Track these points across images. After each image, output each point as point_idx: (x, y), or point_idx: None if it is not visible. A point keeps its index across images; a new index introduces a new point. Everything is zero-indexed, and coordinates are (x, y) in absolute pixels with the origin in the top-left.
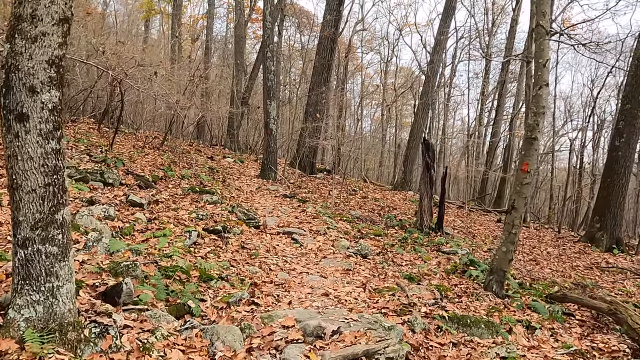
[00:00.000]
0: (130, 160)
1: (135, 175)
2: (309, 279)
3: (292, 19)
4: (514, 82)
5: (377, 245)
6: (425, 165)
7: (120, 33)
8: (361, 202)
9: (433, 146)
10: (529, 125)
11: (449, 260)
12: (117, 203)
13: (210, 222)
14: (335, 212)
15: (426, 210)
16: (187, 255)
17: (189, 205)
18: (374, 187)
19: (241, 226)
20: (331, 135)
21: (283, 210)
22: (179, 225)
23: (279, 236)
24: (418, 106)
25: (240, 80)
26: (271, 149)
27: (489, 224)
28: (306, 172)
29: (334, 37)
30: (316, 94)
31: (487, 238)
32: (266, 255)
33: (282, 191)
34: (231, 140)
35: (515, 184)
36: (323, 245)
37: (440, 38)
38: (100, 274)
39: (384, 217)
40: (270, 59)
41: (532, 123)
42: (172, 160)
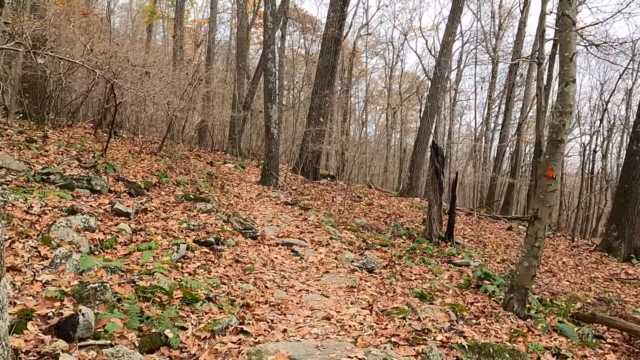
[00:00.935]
0: (124, 166)
1: (126, 181)
2: (308, 299)
3: (297, 23)
4: (522, 86)
5: (384, 257)
6: (434, 171)
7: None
8: (366, 209)
9: (442, 151)
10: (554, 126)
11: (462, 273)
12: (100, 212)
13: (202, 233)
14: (339, 220)
15: (435, 219)
16: (172, 271)
17: (181, 214)
18: (379, 194)
19: (237, 237)
20: (335, 140)
21: (283, 218)
22: (167, 237)
23: (277, 248)
24: (425, 110)
25: (242, 84)
26: (272, 154)
27: (500, 232)
28: (309, 178)
29: (338, 39)
30: (320, 97)
31: (499, 247)
32: (262, 270)
33: (283, 198)
34: (232, 146)
35: (538, 191)
36: (325, 258)
37: (448, 39)
38: (61, 300)
39: (390, 225)
40: (271, 60)
41: (558, 124)
42: (169, 166)
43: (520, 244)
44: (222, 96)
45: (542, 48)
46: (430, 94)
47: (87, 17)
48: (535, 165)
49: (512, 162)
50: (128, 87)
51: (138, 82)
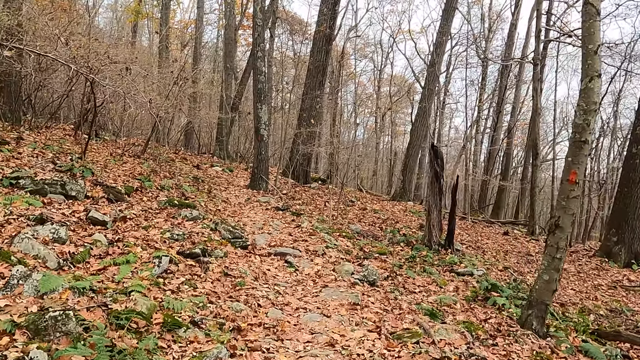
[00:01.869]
0: (104, 170)
1: (105, 186)
2: (307, 319)
3: (286, 25)
4: (512, 89)
5: (384, 267)
6: (434, 174)
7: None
8: (360, 214)
9: (442, 153)
10: (577, 125)
11: (467, 284)
12: (73, 221)
13: (187, 244)
14: (333, 226)
15: (435, 225)
16: (152, 289)
17: (164, 222)
18: (371, 197)
19: (225, 247)
20: (326, 142)
21: (275, 225)
22: (148, 248)
23: (270, 258)
24: (417, 112)
25: (230, 85)
26: (262, 157)
27: (496, 237)
28: (300, 182)
29: (329, 38)
30: (311, 98)
31: (498, 254)
32: (254, 285)
33: (273, 203)
34: (220, 148)
35: (559, 197)
36: (322, 270)
37: (442, 39)
38: (11, 335)
39: (386, 231)
40: (261, 59)
41: (582, 123)
42: (153, 169)
43: (518, 250)
44: (210, 97)
45: (539, 48)
46: (423, 96)
47: (67, 13)
48: (533, 168)
49: (502, 165)
50: (106, 84)
51: (117, 79)
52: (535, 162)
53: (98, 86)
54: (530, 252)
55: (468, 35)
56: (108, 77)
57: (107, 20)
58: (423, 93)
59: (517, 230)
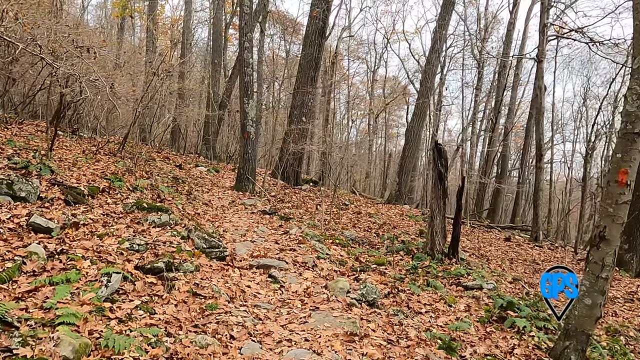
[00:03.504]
0: (71, 168)
1: (63, 186)
2: (292, 356)
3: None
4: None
5: (384, 282)
6: (437, 176)
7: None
8: (354, 218)
9: (447, 152)
10: (629, 114)
11: (478, 300)
12: (9, 228)
13: (149, 256)
14: (326, 232)
15: (439, 232)
16: (92, 319)
17: (125, 229)
18: (365, 200)
19: (198, 259)
20: (319, 141)
21: (260, 232)
22: (98, 262)
23: (251, 272)
24: (414, 111)
25: (217, 82)
26: (249, 156)
27: (499, 244)
28: (290, 183)
29: (322, 31)
30: (302, 95)
31: (503, 262)
32: (228, 308)
33: (260, 206)
34: (207, 148)
35: (604, 203)
36: (313, 286)
37: (439, 35)
38: None
39: (383, 238)
40: (248, 50)
41: (635, 110)
42: (129, 168)
43: (524, 258)
44: (200, 96)
45: (543, 44)
46: (419, 94)
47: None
48: (537, 171)
49: (499, 167)
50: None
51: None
52: (539, 164)
53: (49, 67)
54: (537, 260)
55: (464, 35)
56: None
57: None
58: (420, 91)
59: (518, 235)
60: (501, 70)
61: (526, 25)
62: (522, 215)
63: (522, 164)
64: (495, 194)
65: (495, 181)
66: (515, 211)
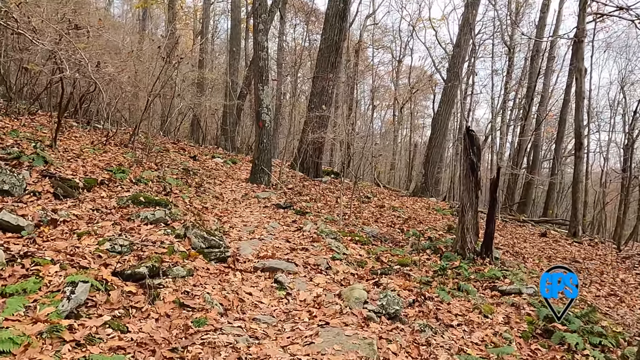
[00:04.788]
0: (74, 159)
1: (55, 178)
2: None
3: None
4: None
5: (408, 287)
6: (469, 166)
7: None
8: (377, 212)
9: (479, 140)
10: None
11: (518, 309)
12: None
13: (131, 260)
14: (344, 228)
15: (470, 228)
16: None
17: (112, 226)
18: (388, 193)
19: (193, 261)
20: (340, 129)
21: (270, 228)
22: (68, 268)
23: (255, 275)
24: (441, 98)
25: (236, 70)
26: (264, 146)
27: (534, 240)
28: (310, 175)
29: (343, 14)
30: (322, 81)
31: (540, 261)
32: (220, 323)
33: (275, 200)
34: (225, 139)
35: None
36: (324, 294)
37: (470, 15)
38: None
39: (408, 234)
40: (262, 32)
41: None
42: (138, 159)
43: (562, 256)
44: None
45: (584, 22)
46: (448, 79)
47: None
48: (576, 160)
49: (529, 158)
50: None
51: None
52: (579, 153)
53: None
54: (577, 259)
55: (494, 20)
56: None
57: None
58: (448, 77)
59: (554, 230)
60: (534, 55)
61: (560, 7)
62: (555, 207)
63: (556, 154)
64: (527, 186)
65: (527, 172)
66: (548, 203)
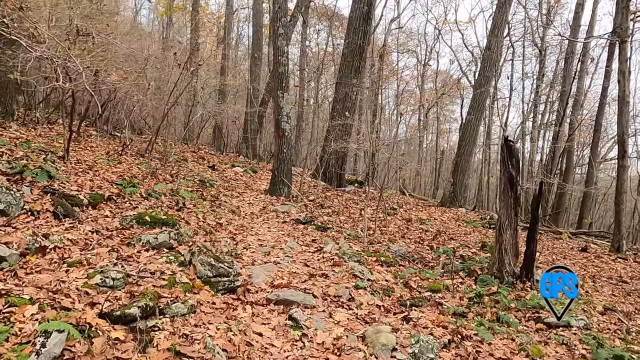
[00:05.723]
0: (87, 171)
1: (58, 195)
2: None
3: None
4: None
5: (442, 323)
6: (507, 180)
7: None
8: (403, 226)
9: (518, 151)
10: None
11: (570, 349)
12: None
13: (122, 296)
14: (369, 247)
15: (509, 249)
16: None
17: (108, 253)
18: (415, 202)
19: (198, 294)
20: (364, 138)
21: (288, 249)
22: (48, 309)
23: (267, 310)
24: (470, 103)
25: (257, 76)
26: (284, 156)
27: (574, 255)
28: (332, 185)
29: (367, 16)
30: (345, 87)
31: (585, 282)
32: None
33: (294, 213)
34: (246, 147)
35: None
36: (345, 336)
37: (500, 16)
38: None
39: (437, 252)
40: (282, 36)
41: None
42: (153, 171)
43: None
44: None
45: (626, 21)
46: (478, 83)
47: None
48: (619, 169)
49: (563, 165)
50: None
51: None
52: (622, 162)
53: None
54: (624, 278)
55: (524, 22)
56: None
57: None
58: (478, 80)
59: (593, 243)
60: (568, 57)
61: (594, 7)
62: (589, 216)
63: (591, 161)
64: (560, 195)
65: (561, 179)
66: (583, 213)
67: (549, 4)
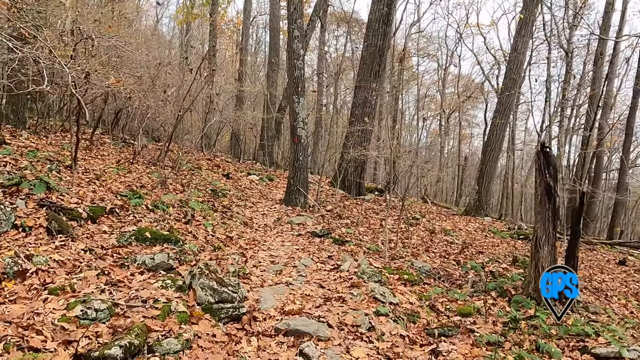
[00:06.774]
0: (94, 181)
1: (54, 208)
2: None
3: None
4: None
5: (475, 358)
6: (544, 190)
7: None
8: (427, 238)
9: (555, 159)
10: None
11: None
12: None
13: (104, 332)
14: (390, 263)
15: (546, 267)
16: None
17: (97, 277)
18: (438, 211)
19: (197, 324)
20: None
21: (302, 266)
22: (13, 350)
23: (275, 343)
24: (496, 107)
25: (275, 82)
26: (300, 164)
27: (611, 269)
28: (351, 193)
29: (387, 19)
30: (364, 91)
31: (628, 301)
32: None
33: (310, 225)
34: (263, 154)
35: None
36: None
37: (528, 17)
38: None
39: (464, 267)
40: (298, 39)
41: None
42: (164, 180)
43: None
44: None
45: None
46: (505, 86)
47: None
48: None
49: (592, 171)
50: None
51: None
52: None
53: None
54: None
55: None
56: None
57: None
58: (504, 83)
59: (632, 256)
60: (597, 58)
61: (624, 7)
62: (622, 226)
63: (622, 167)
64: (590, 202)
65: (590, 185)
66: (615, 221)
67: (575, 4)
